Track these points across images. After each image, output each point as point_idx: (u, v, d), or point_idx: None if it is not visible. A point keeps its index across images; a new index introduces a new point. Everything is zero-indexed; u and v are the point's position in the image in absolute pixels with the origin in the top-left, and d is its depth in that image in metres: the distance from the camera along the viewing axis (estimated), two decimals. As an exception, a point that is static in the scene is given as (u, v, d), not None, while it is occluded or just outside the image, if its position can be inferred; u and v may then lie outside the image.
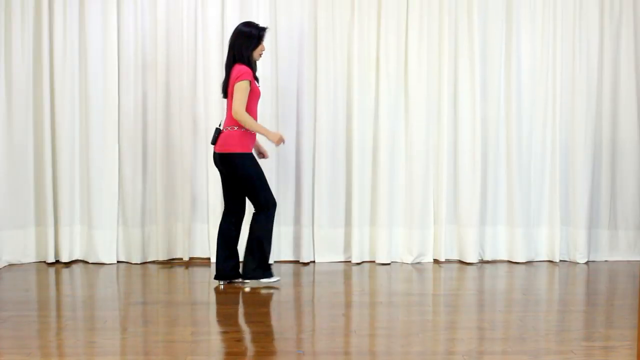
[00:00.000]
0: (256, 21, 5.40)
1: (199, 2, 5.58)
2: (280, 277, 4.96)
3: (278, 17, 5.54)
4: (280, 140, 4.82)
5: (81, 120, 5.56)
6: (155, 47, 5.54)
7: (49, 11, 5.46)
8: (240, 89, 4.64)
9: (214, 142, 4.79)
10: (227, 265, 4.88)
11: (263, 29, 4.83)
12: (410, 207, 5.69)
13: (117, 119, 5.53)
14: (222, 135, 4.75)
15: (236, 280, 4.92)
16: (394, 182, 5.67)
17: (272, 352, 3.55)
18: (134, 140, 5.56)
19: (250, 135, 4.77)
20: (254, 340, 3.75)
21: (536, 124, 5.73)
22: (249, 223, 4.92)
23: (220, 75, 5.55)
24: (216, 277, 4.90)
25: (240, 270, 4.94)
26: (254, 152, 4.89)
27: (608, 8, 5.71)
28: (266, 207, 4.82)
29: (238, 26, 4.86)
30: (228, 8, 5.54)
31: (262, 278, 4.87)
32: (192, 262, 5.64)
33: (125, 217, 5.60)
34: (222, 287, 4.85)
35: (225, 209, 4.93)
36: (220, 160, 4.77)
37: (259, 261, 4.85)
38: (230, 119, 4.74)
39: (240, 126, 4.71)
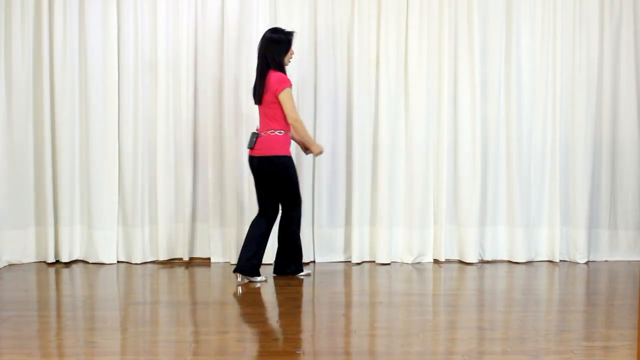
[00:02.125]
0: (256, 21, 5.44)
1: (199, 2, 5.58)
2: (310, 271, 5.29)
3: (278, 17, 5.54)
4: (320, 152, 5.11)
5: (81, 120, 5.57)
6: (155, 47, 5.55)
7: (49, 11, 5.46)
8: (287, 97, 4.82)
9: (251, 145, 4.91)
10: (249, 263, 4.93)
11: (290, 33, 4.96)
12: (410, 207, 5.69)
13: (117, 118, 5.53)
14: (261, 139, 4.88)
15: (253, 279, 4.97)
16: (394, 182, 5.67)
17: (272, 352, 3.55)
18: (134, 140, 5.56)
19: (288, 138, 4.96)
20: (254, 340, 3.75)
21: (536, 124, 5.73)
22: (281, 224, 5.10)
23: (220, 75, 5.56)
24: (236, 271, 4.99)
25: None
26: (300, 148, 5.23)
27: (608, 7, 5.71)
28: (298, 205, 5.03)
29: (265, 34, 4.95)
30: (228, 8, 5.54)
31: (299, 273, 5.16)
32: (192, 262, 5.64)
33: (125, 217, 5.60)
34: (239, 279, 4.98)
35: (260, 211, 5.02)
36: (259, 162, 4.89)
37: (299, 257, 5.14)
38: (268, 124, 4.88)
39: (280, 129, 4.87)
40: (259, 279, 4.97)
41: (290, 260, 5.14)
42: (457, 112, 5.70)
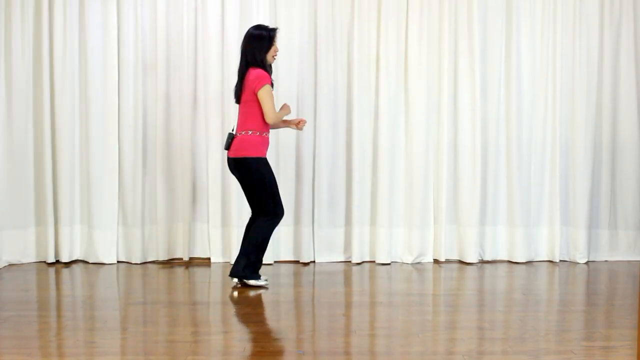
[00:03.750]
0: (256, 22, 5.40)
1: (199, 2, 5.58)
2: (268, 282, 4.84)
3: (278, 17, 5.54)
4: (299, 123, 4.85)
5: (81, 120, 5.56)
6: (155, 47, 5.55)
7: (49, 11, 5.46)
8: (266, 94, 4.59)
9: (227, 147, 4.74)
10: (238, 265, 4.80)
11: (273, 30, 4.76)
12: (410, 207, 5.69)
13: (117, 118, 5.53)
14: (236, 140, 4.69)
15: (251, 282, 4.79)
16: (394, 182, 5.67)
17: (272, 352, 3.55)
18: (134, 140, 5.56)
19: (264, 139, 4.73)
20: (254, 340, 3.75)
21: (536, 124, 5.73)
22: (247, 224, 4.91)
23: (220, 75, 5.57)
24: (230, 274, 4.83)
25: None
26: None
27: (608, 6, 5.71)
28: (273, 214, 4.75)
29: (248, 30, 4.79)
30: (228, 8, 5.54)
31: (250, 279, 4.78)
32: (192, 262, 5.64)
33: (125, 217, 5.60)
34: (238, 285, 4.81)
35: (252, 214, 4.90)
36: (235, 165, 4.72)
37: (251, 263, 4.76)
38: (244, 123, 4.69)
39: (254, 130, 4.67)
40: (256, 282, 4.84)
41: (245, 264, 4.76)
42: (457, 111, 5.70)
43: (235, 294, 4.68)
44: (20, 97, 5.46)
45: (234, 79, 5.46)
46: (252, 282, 4.78)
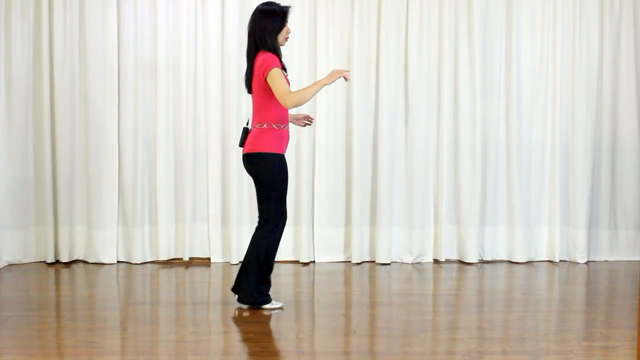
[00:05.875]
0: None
1: (199, 3, 5.58)
2: (283, 303, 4.34)
3: (278, 17, 5.53)
4: (339, 74, 4.10)
5: (81, 120, 5.56)
6: (155, 47, 5.55)
7: (49, 11, 5.46)
8: (274, 77, 3.98)
9: (241, 144, 4.19)
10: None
11: (287, 7, 4.18)
12: (410, 207, 5.69)
13: (117, 119, 5.53)
14: (250, 134, 4.15)
15: (265, 307, 4.28)
16: (394, 182, 5.67)
17: (272, 352, 3.56)
18: (134, 140, 5.56)
19: (283, 133, 4.16)
20: (254, 340, 3.75)
21: (536, 124, 5.73)
22: (252, 237, 4.28)
23: (220, 75, 5.57)
24: (238, 300, 4.32)
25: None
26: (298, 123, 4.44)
27: (608, 7, 5.71)
28: (274, 220, 4.17)
29: (257, 7, 4.18)
30: (228, 8, 5.54)
31: (263, 304, 4.26)
32: (192, 262, 5.64)
33: (125, 217, 5.60)
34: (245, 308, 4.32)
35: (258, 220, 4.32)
36: (248, 160, 4.16)
37: (256, 283, 4.22)
38: (257, 116, 4.14)
39: (269, 122, 4.11)
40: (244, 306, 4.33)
41: (251, 286, 4.21)
42: (457, 111, 5.70)
43: (246, 314, 4.26)
44: (20, 97, 5.46)
45: (234, 79, 5.49)
46: (266, 306, 4.26)
